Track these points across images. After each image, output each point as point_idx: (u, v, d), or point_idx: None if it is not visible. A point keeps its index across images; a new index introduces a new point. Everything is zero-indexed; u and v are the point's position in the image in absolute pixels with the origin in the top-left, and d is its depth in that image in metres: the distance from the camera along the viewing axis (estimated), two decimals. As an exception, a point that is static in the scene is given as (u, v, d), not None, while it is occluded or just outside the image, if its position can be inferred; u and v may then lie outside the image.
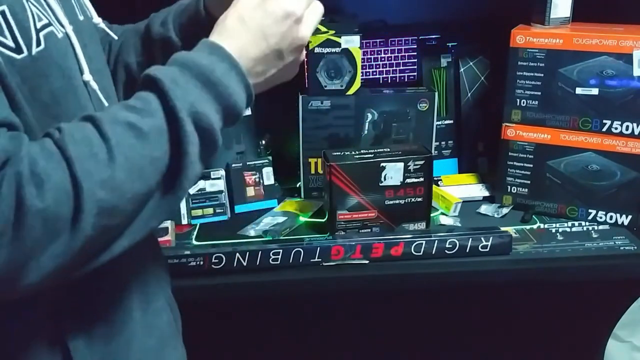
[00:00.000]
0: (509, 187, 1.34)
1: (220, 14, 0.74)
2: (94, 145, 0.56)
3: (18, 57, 0.58)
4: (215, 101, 0.61)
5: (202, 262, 1.13)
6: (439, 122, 1.45)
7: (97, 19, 0.77)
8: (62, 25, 0.65)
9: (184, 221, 1.33)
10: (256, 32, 0.65)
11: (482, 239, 1.17)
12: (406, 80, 1.55)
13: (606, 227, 1.27)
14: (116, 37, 0.85)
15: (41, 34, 0.60)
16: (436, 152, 1.46)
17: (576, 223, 1.29)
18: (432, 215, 1.29)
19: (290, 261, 1.15)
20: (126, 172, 0.56)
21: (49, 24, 0.62)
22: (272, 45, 0.65)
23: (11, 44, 0.57)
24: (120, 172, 0.56)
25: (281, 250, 1.15)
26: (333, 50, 1.31)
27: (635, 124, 1.21)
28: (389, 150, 1.25)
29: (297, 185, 1.43)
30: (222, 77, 0.61)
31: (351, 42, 1.31)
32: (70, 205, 0.53)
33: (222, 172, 1.35)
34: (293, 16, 0.66)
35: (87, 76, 0.67)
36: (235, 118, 0.64)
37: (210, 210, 1.34)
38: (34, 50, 0.59)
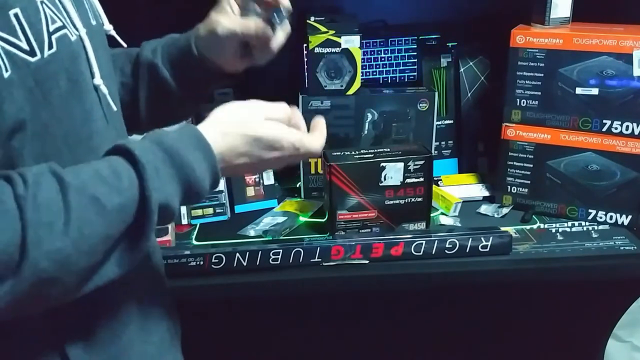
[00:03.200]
0: (509, 187, 1.34)
1: (211, 57, 0.81)
2: (53, 212, 0.54)
3: (32, 59, 0.58)
4: (184, 198, 0.63)
5: (202, 262, 1.13)
6: (439, 122, 1.45)
7: (108, 26, 0.77)
8: (77, 29, 0.65)
9: (184, 221, 1.33)
10: (241, 154, 0.69)
11: (482, 239, 1.17)
12: (406, 80, 1.55)
13: (606, 227, 1.27)
14: (125, 45, 0.85)
15: (53, 37, 0.60)
16: (436, 152, 1.46)
17: (576, 223, 1.29)
18: (432, 215, 1.29)
19: (290, 261, 1.15)
20: (77, 247, 0.55)
21: (63, 27, 0.62)
22: (252, 164, 0.71)
23: (25, 46, 0.57)
24: (71, 247, 0.55)
25: (281, 250, 1.15)
26: (333, 50, 1.31)
27: (635, 124, 1.21)
28: (389, 150, 1.25)
29: (297, 185, 1.43)
30: (202, 180, 0.64)
31: (351, 42, 1.31)
32: (10, 268, 0.52)
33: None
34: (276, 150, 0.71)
35: (98, 80, 0.67)
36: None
37: (210, 210, 1.34)
38: (46, 53, 0.59)
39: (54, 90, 0.61)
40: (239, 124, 0.69)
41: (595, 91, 1.22)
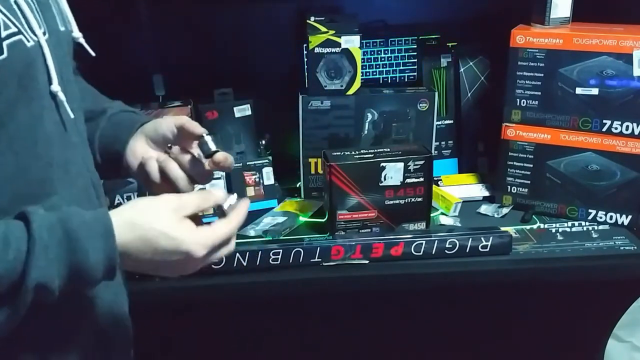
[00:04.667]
0: (509, 187, 1.34)
1: (129, 163, 0.80)
2: None
3: None
4: (69, 282, 0.60)
5: (202, 262, 1.13)
6: (439, 122, 1.45)
7: (77, 34, 0.76)
8: (36, 35, 0.64)
9: (184, 221, 1.32)
10: (147, 246, 0.65)
11: (482, 239, 1.17)
12: (406, 80, 1.55)
13: (606, 227, 1.27)
14: (93, 54, 0.79)
15: (5, 43, 0.60)
16: (436, 152, 1.46)
17: (576, 223, 1.29)
18: (432, 215, 1.29)
19: (290, 261, 1.15)
20: None
21: (18, 33, 0.61)
22: (155, 262, 0.67)
23: None
24: None
25: (281, 250, 1.15)
26: (333, 50, 1.31)
27: (635, 124, 1.21)
28: (389, 150, 1.25)
29: (297, 185, 1.43)
30: (93, 269, 0.61)
31: (351, 42, 1.31)
32: None
33: (222, 172, 1.35)
34: (187, 256, 0.68)
35: (56, 87, 0.66)
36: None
37: (210, 210, 1.33)
38: None
39: (1, 95, 0.60)
40: (151, 219, 0.67)
41: (595, 91, 1.22)
